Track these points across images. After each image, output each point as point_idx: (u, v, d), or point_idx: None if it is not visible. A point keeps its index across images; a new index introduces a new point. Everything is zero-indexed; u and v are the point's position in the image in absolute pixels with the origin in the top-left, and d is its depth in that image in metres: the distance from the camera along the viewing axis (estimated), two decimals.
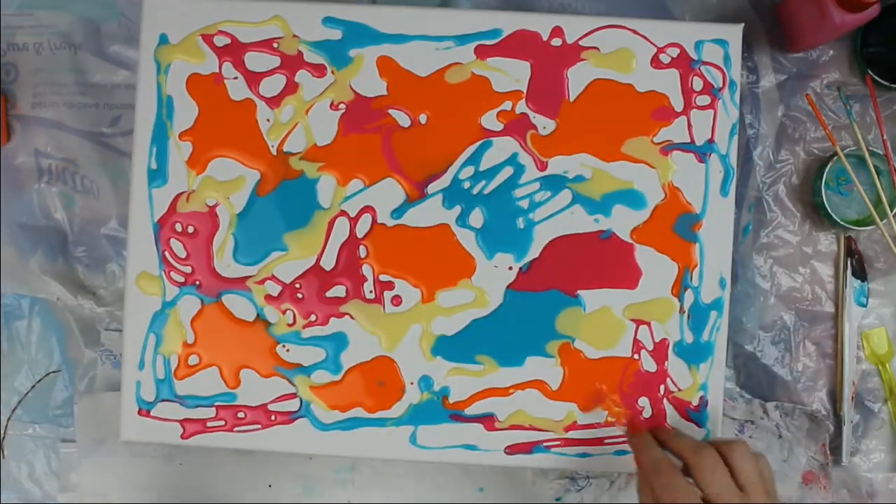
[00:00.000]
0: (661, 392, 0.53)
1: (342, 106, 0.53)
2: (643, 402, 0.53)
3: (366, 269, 0.53)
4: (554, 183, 0.53)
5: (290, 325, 0.53)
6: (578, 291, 0.52)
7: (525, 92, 0.52)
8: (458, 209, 0.53)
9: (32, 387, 0.59)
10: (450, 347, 0.52)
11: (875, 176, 0.56)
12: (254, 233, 0.53)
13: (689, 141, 0.53)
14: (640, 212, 0.52)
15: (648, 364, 0.53)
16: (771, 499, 0.45)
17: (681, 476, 0.45)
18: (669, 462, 0.46)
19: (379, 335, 0.53)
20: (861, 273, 0.58)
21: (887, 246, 0.57)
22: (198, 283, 0.53)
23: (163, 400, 0.53)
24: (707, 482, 0.44)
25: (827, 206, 0.56)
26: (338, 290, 0.53)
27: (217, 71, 0.53)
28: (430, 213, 0.53)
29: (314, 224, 0.53)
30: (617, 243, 0.53)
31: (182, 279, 0.53)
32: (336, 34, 0.53)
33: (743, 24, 0.53)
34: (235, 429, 0.53)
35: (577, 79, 0.53)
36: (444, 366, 0.52)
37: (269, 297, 0.53)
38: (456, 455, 0.53)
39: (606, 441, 0.53)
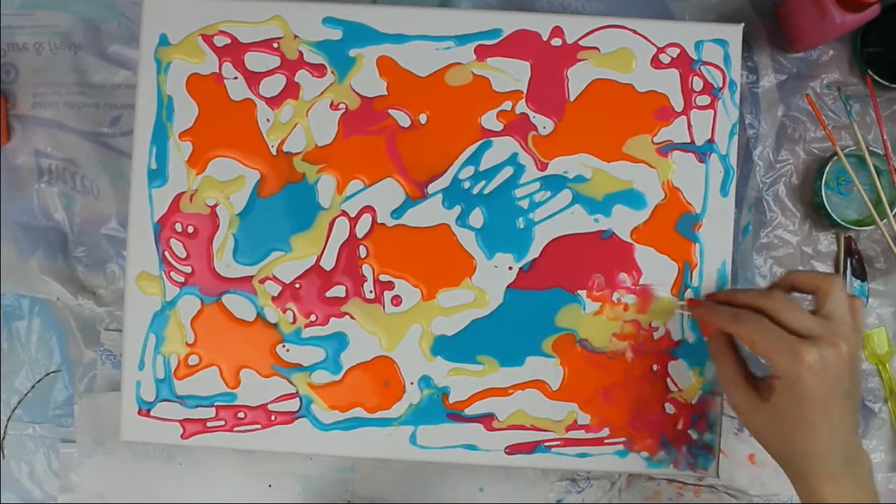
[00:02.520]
0: (662, 392, 0.53)
1: (342, 106, 0.53)
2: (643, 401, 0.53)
3: (366, 269, 0.53)
4: (554, 183, 0.53)
5: (290, 325, 0.53)
6: (578, 291, 0.52)
7: (525, 92, 0.52)
8: (458, 209, 0.53)
9: (32, 387, 0.59)
10: (450, 347, 0.52)
11: (875, 176, 0.56)
12: (254, 233, 0.53)
13: (689, 141, 0.53)
14: (640, 212, 0.52)
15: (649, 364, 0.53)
16: (856, 332, 0.44)
17: (766, 318, 0.44)
18: (750, 311, 0.45)
19: (379, 335, 0.53)
20: (861, 273, 0.58)
21: (887, 246, 0.57)
22: (198, 283, 0.53)
23: (163, 400, 0.53)
24: (795, 317, 0.44)
25: (827, 206, 0.56)
26: (338, 290, 0.53)
27: (217, 71, 0.53)
28: (430, 213, 0.53)
29: (315, 224, 0.53)
30: (617, 243, 0.53)
31: (182, 279, 0.53)
32: (336, 34, 0.53)
33: (743, 24, 0.53)
34: (235, 429, 0.53)
35: (578, 79, 0.53)
36: (444, 366, 0.52)
37: (269, 297, 0.53)
38: (456, 455, 0.53)
39: (607, 441, 0.53)
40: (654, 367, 0.53)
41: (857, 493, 0.44)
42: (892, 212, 0.56)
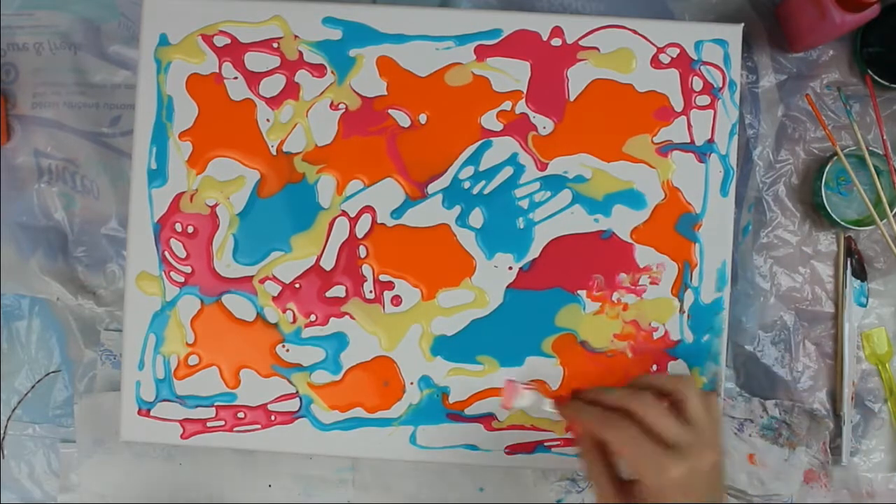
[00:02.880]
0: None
1: (342, 106, 0.53)
2: None
3: (366, 269, 0.53)
4: (554, 183, 0.53)
5: (290, 325, 0.53)
6: (578, 291, 0.52)
7: (525, 92, 0.53)
8: (458, 209, 0.53)
9: (32, 387, 0.59)
10: (450, 347, 0.52)
11: (875, 176, 0.56)
12: (254, 233, 0.53)
13: (688, 141, 0.53)
14: (640, 212, 0.53)
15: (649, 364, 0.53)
16: (716, 432, 0.44)
17: (636, 425, 0.44)
18: (621, 415, 0.45)
19: (379, 335, 0.53)
20: (861, 273, 0.58)
21: (887, 246, 0.57)
22: (198, 283, 0.53)
23: (163, 400, 0.53)
24: (663, 424, 0.43)
25: (827, 206, 0.56)
26: (338, 290, 0.53)
27: (217, 71, 0.53)
28: (430, 213, 0.53)
29: (315, 224, 0.53)
30: (617, 243, 0.53)
31: (182, 279, 0.53)
32: (336, 34, 0.53)
33: (743, 24, 0.53)
34: (235, 429, 0.53)
35: (578, 79, 0.53)
36: (444, 366, 0.52)
37: (268, 297, 0.53)
38: (456, 455, 0.53)
39: None
40: (654, 368, 0.53)
41: None
42: (892, 212, 0.56)
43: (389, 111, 0.53)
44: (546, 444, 0.53)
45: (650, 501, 0.43)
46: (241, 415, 0.53)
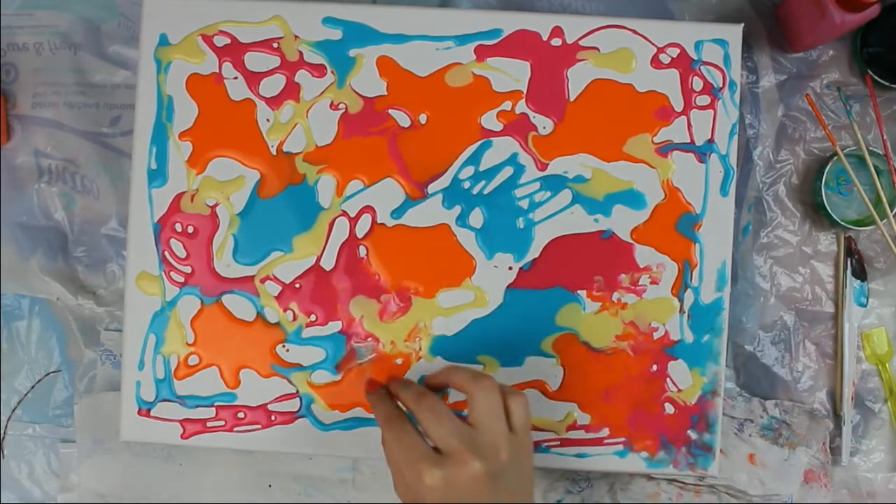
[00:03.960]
0: (661, 392, 0.53)
1: (342, 106, 0.53)
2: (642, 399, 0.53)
3: (366, 270, 0.53)
4: (554, 183, 0.53)
5: (290, 325, 0.53)
6: (578, 291, 0.52)
7: (525, 92, 0.53)
8: (458, 209, 0.53)
9: (32, 387, 0.59)
10: (450, 347, 0.52)
11: (875, 176, 0.56)
12: (255, 233, 0.53)
13: (688, 141, 0.53)
14: (640, 212, 0.53)
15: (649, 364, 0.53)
16: (515, 433, 0.43)
17: (410, 426, 0.43)
18: (400, 414, 0.45)
19: (379, 335, 0.53)
20: (861, 273, 0.58)
21: (887, 246, 0.57)
22: (198, 283, 0.53)
23: (163, 400, 0.53)
24: (433, 429, 0.42)
25: (827, 206, 0.56)
26: (338, 290, 0.53)
27: (217, 71, 0.53)
28: (430, 213, 0.53)
29: (316, 225, 0.53)
30: (617, 243, 0.53)
31: (182, 279, 0.53)
32: (336, 34, 0.53)
33: (743, 24, 0.53)
34: (235, 429, 0.53)
35: (578, 79, 0.53)
36: (445, 366, 0.52)
37: (269, 297, 0.53)
38: None
39: (607, 441, 0.53)
40: (654, 368, 0.53)
41: None
42: (892, 212, 0.56)
43: (389, 111, 0.53)
44: (546, 444, 0.53)
45: (411, 501, 0.43)
46: (241, 415, 0.53)
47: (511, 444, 0.43)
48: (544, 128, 0.53)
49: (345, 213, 0.53)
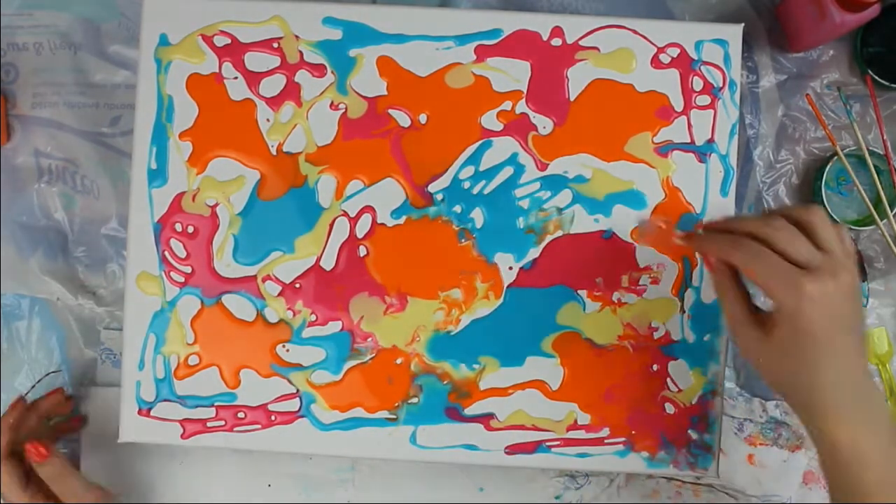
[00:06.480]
0: (662, 392, 0.53)
1: (342, 106, 0.53)
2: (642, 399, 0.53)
3: (366, 269, 0.53)
4: (554, 183, 0.53)
5: (290, 325, 0.53)
6: (579, 291, 0.52)
7: (525, 92, 0.52)
8: (458, 209, 0.53)
9: (32, 387, 0.59)
10: (450, 347, 0.52)
11: (875, 176, 0.56)
12: (255, 233, 0.53)
13: (689, 141, 0.53)
14: (640, 212, 0.52)
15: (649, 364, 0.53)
16: (851, 261, 0.42)
17: (765, 249, 0.41)
18: (749, 240, 0.42)
19: (379, 335, 0.53)
20: (861, 273, 0.58)
21: (887, 246, 0.57)
22: (198, 283, 0.53)
23: (163, 400, 0.53)
24: (793, 246, 0.41)
25: (827, 206, 0.56)
26: (338, 290, 0.53)
27: (217, 71, 0.53)
28: (430, 212, 0.53)
29: (316, 225, 0.53)
30: (618, 243, 0.53)
31: (182, 279, 0.53)
32: (336, 34, 0.53)
33: (743, 24, 0.53)
34: (235, 429, 0.53)
35: (578, 79, 0.53)
36: (445, 366, 0.52)
37: (269, 297, 0.53)
38: (456, 455, 0.53)
39: (607, 441, 0.53)
40: (654, 367, 0.53)
41: (870, 431, 0.41)
42: (892, 212, 0.56)
43: (390, 111, 0.52)
44: (546, 444, 0.53)
45: (786, 330, 0.41)
46: (241, 415, 0.53)
47: (853, 264, 0.42)
48: (544, 128, 0.53)
49: (345, 213, 0.53)
